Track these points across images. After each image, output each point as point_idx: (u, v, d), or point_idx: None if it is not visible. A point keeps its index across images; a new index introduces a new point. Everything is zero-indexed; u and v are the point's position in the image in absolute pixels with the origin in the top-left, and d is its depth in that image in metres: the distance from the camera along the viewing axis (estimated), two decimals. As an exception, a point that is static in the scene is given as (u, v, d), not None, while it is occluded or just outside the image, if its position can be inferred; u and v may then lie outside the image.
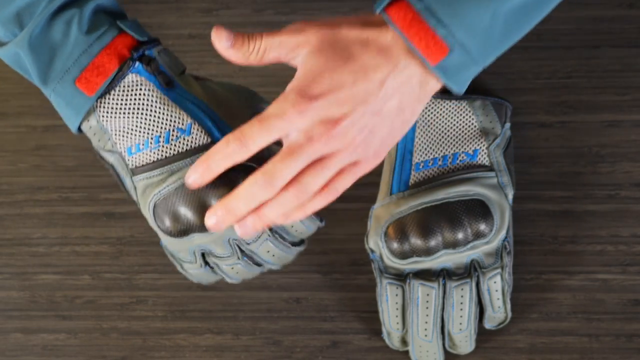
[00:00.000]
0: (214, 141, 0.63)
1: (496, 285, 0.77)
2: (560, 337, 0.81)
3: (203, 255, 0.67)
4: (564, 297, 0.82)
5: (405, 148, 0.80)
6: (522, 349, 0.81)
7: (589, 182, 0.84)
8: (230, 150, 0.59)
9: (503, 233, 0.76)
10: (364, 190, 0.84)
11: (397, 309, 0.78)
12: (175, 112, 0.63)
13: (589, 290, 0.82)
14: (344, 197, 0.86)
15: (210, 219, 0.60)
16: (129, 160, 0.64)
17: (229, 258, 0.67)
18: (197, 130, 0.63)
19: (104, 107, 0.63)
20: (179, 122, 0.63)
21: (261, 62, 0.61)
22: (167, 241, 0.66)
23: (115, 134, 0.64)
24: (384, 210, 0.77)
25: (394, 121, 0.60)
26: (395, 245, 0.76)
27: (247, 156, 0.59)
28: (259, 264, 0.69)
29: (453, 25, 0.56)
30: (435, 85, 0.60)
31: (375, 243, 0.77)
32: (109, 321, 0.84)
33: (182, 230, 0.64)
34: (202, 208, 0.62)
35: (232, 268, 0.67)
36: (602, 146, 0.84)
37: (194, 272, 0.69)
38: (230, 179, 0.62)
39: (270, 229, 0.65)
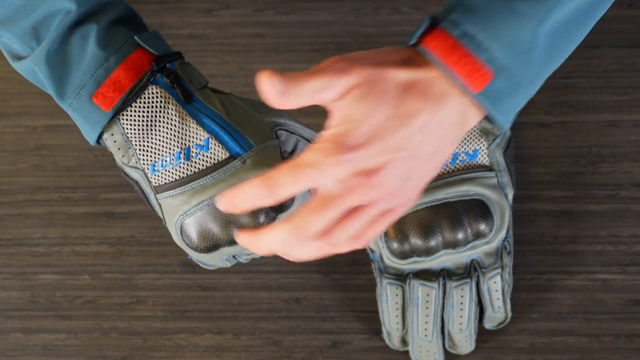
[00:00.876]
0: (232, 155, 0.62)
1: (496, 285, 0.77)
2: (560, 337, 0.81)
3: (234, 256, 0.67)
4: (564, 297, 0.82)
5: (405, 148, 0.80)
6: (522, 349, 0.81)
7: (589, 182, 0.84)
8: (257, 194, 0.56)
9: (503, 233, 0.77)
10: (364, 190, 0.84)
11: (397, 309, 0.78)
12: (193, 127, 0.63)
13: (589, 290, 0.82)
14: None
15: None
16: (152, 177, 0.63)
17: (251, 254, 0.66)
18: (215, 145, 0.63)
19: (127, 120, 0.63)
20: (197, 138, 0.63)
21: (304, 105, 0.56)
22: (196, 256, 0.66)
23: (139, 149, 0.63)
24: (384, 210, 0.77)
25: (429, 164, 0.57)
26: (395, 245, 0.76)
27: (274, 202, 0.56)
28: None
29: (494, 49, 0.54)
30: (475, 118, 0.57)
31: (375, 243, 0.77)
32: (109, 321, 0.84)
33: (211, 247, 0.64)
34: (229, 224, 0.62)
35: (251, 258, 0.68)
36: (602, 146, 0.84)
37: (214, 265, 0.69)
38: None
39: None
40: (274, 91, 0.54)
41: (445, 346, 0.79)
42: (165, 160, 0.63)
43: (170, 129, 0.63)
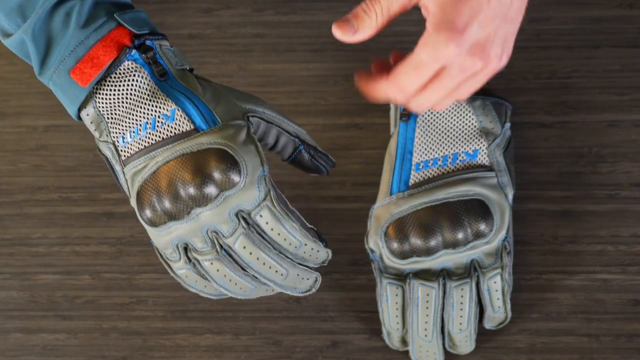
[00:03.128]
0: (196, 128, 0.62)
1: (496, 285, 0.77)
2: (560, 337, 0.81)
3: (186, 250, 0.65)
4: (564, 297, 0.82)
5: (405, 148, 0.80)
6: (522, 349, 0.81)
7: (589, 182, 0.84)
8: (391, 92, 0.62)
9: (503, 233, 0.76)
10: (364, 190, 0.84)
11: (397, 309, 0.78)
12: (162, 99, 0.63)
13: (589, 290, 0.82)
14: (343, 197, 0.86)
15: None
16: (122, 150, 0.64)
17: (209, 253, 0.64)
18: (180, 116, 0.63)
19: (100, 95, 0.64)
20: (164, 109, 0.63)
21: (390, 20, 0.63)
22: (152, 234, 0.65)
23: (110, 122, 0.64)
24: (383, 210, 0.77)
25: (517, 19, 0.62)
26: (395, 245, 0.76)
27: (405, 100, 0.63)
28: (243, 268, 0.65)
29: None
30: None
31: (375, 243, 0.77)
32: (109, 321, 0.84)
33: (160, 219, 0.63)
34: (175, 195, 0.62)
35: (212, 264, 0.64)
36: (602, 146, 0.84)
37: (182, 272, 0.66)
38: (202, 168, 0.61)
39: (247, 223, 0.63)
40: (348, 38, 0.63)
41: (445, 346, 0.79)
42: (134, 132, 0.63)
43: (140, 102, 0.63)
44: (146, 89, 0.64)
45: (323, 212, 0.83)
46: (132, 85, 0.64)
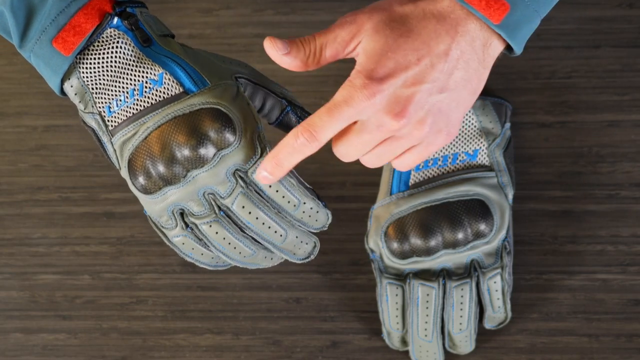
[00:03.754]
0: (185, 91, 0.62)
1: (496, 285, 0.77)
2: (560, 337, 0.81)
3: (182, 215, 0.63)
4: (564, 297, 0.82)
5: (405, 148, 0.80)
6: (522, 349, 0.81)
7: (589, 182, 0.84)
8: (300, 144, 0.58)
9: (503, 233, 0.76)
10: (363, 190, 0.84)
11: (397, 309, 0.78)
12: (149, 65, 0.62)
13: (589, 290, 0.82)
14: (343, 197, 0.86)
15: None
16: (109, 121, 0.63)
17: (206, 216, 0.62)
18: (169, 80, 0.62)
19: (83, 64, 0.63)
20: (151, 74, 0.62)
21: (319, 64, 0.60)
22: (145, 203, 0.64)
23: (95, 92, 0.63)
24: (383, 210, 0.77)
25: (461, 94, 0.59)
26: (395, 245, 0.76)
27: (318, 148, 0.59)
28: (242, 230, 0.64)
29: None
30: (498, 47, 0.59)
31: (375, 243, 0.77)
32: (109, 321, 0.84)
33: (154, 185, 0.62)
34: (170, 158, 0.61)
35: (211, 227, 0.63)
36: (602, 146, 0.84)
37: (178, 239, 0.64)
38: (196, 129, 0.61)
39: (245, 182, 0.62)
40: (275, 54, 0.59)
41: (445, 346, 0.79)
42: (120, 100, 0.62)
43: (125, 69, 0.62)
44: (131, 55, 0.63)
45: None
46: (116, 52, 0.63)
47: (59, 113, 0.89)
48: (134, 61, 0.63)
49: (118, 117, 0.62)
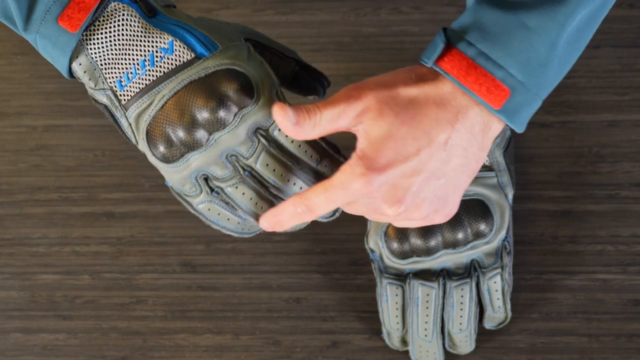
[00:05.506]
0: (197, 56, 0.61)
1: (496, 285, 0.77)
2: (560, 337, 0.81)
3: (206, 180, 0.63)
4: (564, 297, 0.82)
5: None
6: (522, 349, 0.81)
7: (589, 182, 0.84)
8: (298, 213, 0.60)
9: (503, 233, 0.77)
10: (364, 190, 0.84)
11: (397, 309, 0.78)
12: (157, 34, 0.62)
13: (589, 290, 0.82)
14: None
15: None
16: (121, 95, 0.62)
17: (231, 178, 0.62)
18: (179, 46, 0.62)
19: (90, 40, 0.62)
20: (160, 43, 0.62)
21: (323, 135, 0.60)
22: (167, 173, 0.63)
23: (105, 68, 0.62)
24: (384, 210, 0.77)
25: (460, 178, 0.59)
26: (395, 245, 0.76)
27: (314, 218, 0.60)
28: (267, 189, 0.63)
29: (509, 66, 0.56)
30: (497, 128, 0.58)
31: (375, 243, 0.77)
32: (109, 321, 0.84)
33: (177, 152, 0.62)
34: (191, 123, 0.60)
35: (237, 188, 0.62)
36: (602, 146, 0.84)
37: (203, 206, 0.64)
38: (215, 91, 0.60)
39: (267, 140, 0.62)
40: (289, 122, 0.58)
41: (445, 346, 0.79)
42: (131, 73, 0.62)
43: (133, 40, 0.62)
44: (137, 27, 0.62)
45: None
46: (122, 25, 0.62)
47: (59, 113, 0.89)
48: (141, 32, 0.62)
49: (130, 90, 0.62)
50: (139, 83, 0.62)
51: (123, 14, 0.62)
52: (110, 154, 0.88)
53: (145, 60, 0.62)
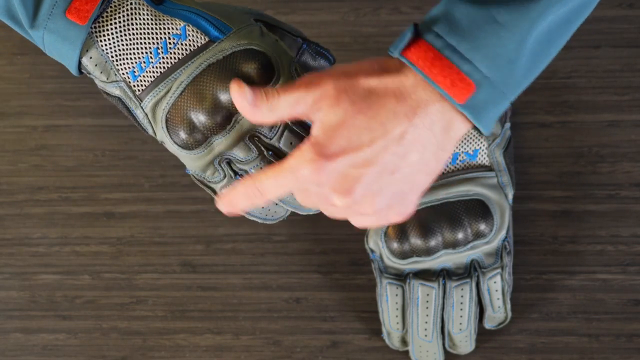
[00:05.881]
0: (211, 39, 0.61)
1: (496, 285, 0.77)
2: (560, 337, 0.81)
3: (229, 164, 0.62)
4: (564, 297, 0.82)
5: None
6: (522, 349, 0.81)
7: (589, 182, 0.84)
8: (249, 194, 0.59)
9: (503, 233, 0.77)
10: (364, 190, 0.84)
11: (397, 309, 0.78)
12: (168, 21, 0.61)
13: (589, 290, 0.82)
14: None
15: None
16: (134, 86, 0.62)
17: (255, 159, 0.61)
18: (192, 31, 0.61)
19: (100, 33, 0.61)
20: (173, 29, 0.61)
21: (280, 120, 0.59)
22: (188, 160, 0.63)
23: (116, 59, 0.62)
24: (384, 210, 0.77)
25: (416, 176, 0.57)
26: (395, 245, 0.76)
27: (266, 201, 0.59)
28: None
29: (476, 60, 0.54)
30: (460, 128, 0.57)
31: (375, 243, 0.77)
32: (109, 321, 0.84)
33: (200, 137, 0.61)
34: (213, 106, 0.60)
35: (262, 169, 0.61)
36: (602, 146, 0.84)
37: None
38: (236, 71, 0.60)
39: (290, 122, 0.61)
40: (246, 101, 0.57)
41: (445, 346, 0.79)
42: (144, 62, 0.61)
43: (144, 29, 0.61)
44: (147, 15, 0.61)
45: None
46: (130, 14, 0.61)
47: (59, 113, 0.89)
48: (151, 20, 0.62)
49: (145, 80, 0.61)
50: (153, 72, 0.61)
51: (131, 3, 0.61)
52: (110, 154, 0.88)
53: (158, 48, 0.61)
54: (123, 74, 0.62)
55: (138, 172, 0.87)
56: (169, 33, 0.61)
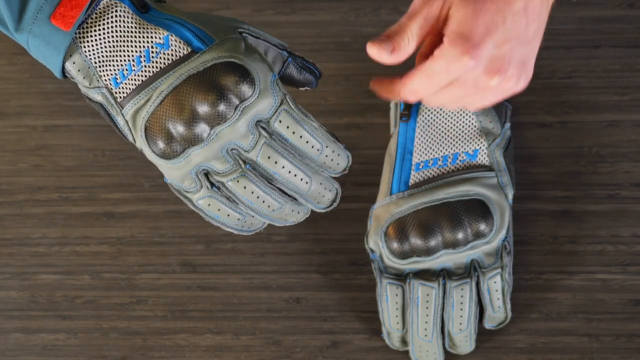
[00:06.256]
0: (194, 50, 0.61)
1: (496, 285, 0.77)
2: (560, 337, 0.81)
3: (207, 176, 0.63)
4: (564, 297, 0.82)
5: (405, 148, 0.80)
6: (522, 349, 0.81)
7: (589, 182, 0.84)
8: (403, 96, 0.64)
9: (503, 233, 0.76)
10: (363, 190, 0.84)
11: (397, 309, 0.78)
12: (151, 29, 0.62)
13: (589, 290, 0.82)
14: (343, 197, 0.86)
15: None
16: (116, 93, 0.62)
17: (232, 172, 0.62)
18: (175, 41, 0.61)
19: (84, 39, 0.61)
20: (155, 38, 0.61)
21: (421, 42, 0.63)
22: (166, 170, 0.63)
23: (99, 65, 0.62)
24: (384, 210, 0.77)
25: (536, 42, 0.64)
26: (395, 245, 0.76)
27: (415, 100, 0.65)
28: (269, 182, 0.63)
29: None
30: None
31: (375, 243, 0.77)
32: (109, 321, 0.84)
33: (177, 148, 0.61)
34: (192, 118, 0.60)
35: (238, 182, 0.62)
36: (602, 146, 0.84)
37: (203, 201, 0.64)
38: (214, 84, 0.60)
39: (268, 132, 0.62)
40: (384, 58, 0.62)
41: (445, 346, 0.79)
42: (126, 70, 0.61)
43: (128, 37, 0.61)
44: (131, 23, 0.62)
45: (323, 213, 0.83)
46: (115, 21, 0.61)
47: (59, 113, 0.89)
48: (135, 28, 0.62)
49: (126, 87, 0.62)
50: (134, 80, 0.61)
51: (116, 10, 0.62)
52: (110, 154, 0.88)
53: (140, 57, 0.61)
54: (105, 80, 0.62)
55: (138, 172, 0.87)
56: (152, 42, 0.62)
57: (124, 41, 0.62)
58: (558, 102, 0.86)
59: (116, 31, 0.62)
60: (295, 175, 0.63)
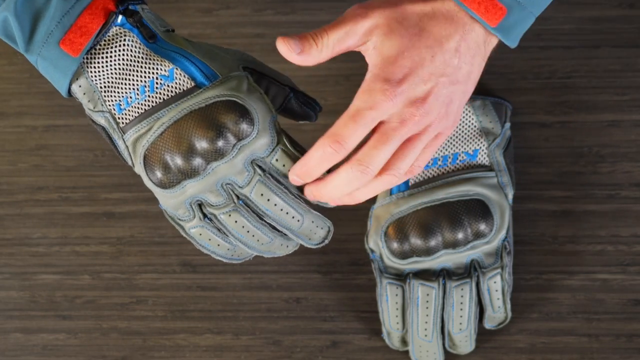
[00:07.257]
0: (197, 85, 0.63)
1: (496, 285, 0.77)
2: (560, 337, 0.81)
3: (200, 207, 0.64)
4: (564, 297, 0.82)
5: (405, 148, 0.80)
6: (522, 349, 0.81)
7: (589, 182, 0.84)
8: (328, 154, 0.60)
9: (503, 233, 0.77)
10: (364, 190, 0.84)
11: (397, 309, 0.78)
12: (158, 61, 0.63)
13: (589, 290, 0.82)
14: (344, 197, 0.85)
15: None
16: (119, 118, 0.63)
17: (225, 205, 0.64)
18: (180, 75, 0.63)
19: (91, 64, 0.63)
20: (161, 70, 0.63)
21: (331, 57, 0.62)
22: (162, 197, 0.64)
23: (104, 90, 0.63)
24: (383, 210, 0.77)
25: (467, 84, 0.62)
26: (395, 245, 0.76)
27: (344, 156, 0.61)
28: (261, 217, 0.65)
29: None
30: (494, 42, 0.62)
31: (375, 243, 0.77)
32: (109, 321, 0.84)
33: (174, 179, 0.63)
34: (189, 152, 0.62)
35: (230, 216, 0.64)
36: (602, 146, 0.84)
37: (195, 230, 0.65)
38: (215, 122, 0.61)
39: (262, 170, 0.63)
40: (291, 55, 0.60)
41: (445, 346, 0.79)
42: (130, 97, 0.63)
43: (134, 66, 0.63)
44: (138, 52, 0.63)
45: (323, 211, 0.83)
46: (123, 50, 0.63)
47: (59, 113, 0.89)
48: (142, 58, 0.63)
49: (129, 114, 0.63)
50: (138, 108, 0.63)
51: (124, 39, 0.63)
52: (110, 154, 0.88)
53: (145, 86, 0.63)
54: (109, 105, 0.63)
55: (138, 172, 0.87)
56: (157, 73, 0.63)
57: (130, 70, 0.63)
58: (558, 102, 0.86)
59: (123, 59, 0.63)
60: (287, 213, 0.64)
